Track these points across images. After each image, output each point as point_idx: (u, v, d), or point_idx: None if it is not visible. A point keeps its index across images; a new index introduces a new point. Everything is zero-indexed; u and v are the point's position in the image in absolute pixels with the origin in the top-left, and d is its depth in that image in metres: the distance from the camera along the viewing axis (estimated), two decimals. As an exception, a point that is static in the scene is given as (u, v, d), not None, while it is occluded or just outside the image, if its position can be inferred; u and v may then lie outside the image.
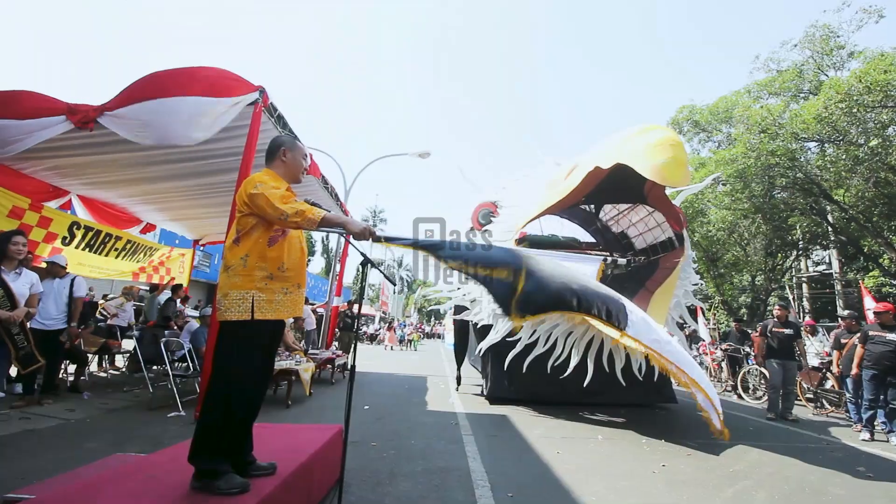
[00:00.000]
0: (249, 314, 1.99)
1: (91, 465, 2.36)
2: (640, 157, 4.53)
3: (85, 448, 3.36)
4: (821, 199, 14.65)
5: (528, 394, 6.33)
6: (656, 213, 6.62)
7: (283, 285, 2.11)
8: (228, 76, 4.41)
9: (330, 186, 7.07)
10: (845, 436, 5.48)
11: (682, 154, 4.48)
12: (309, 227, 2.02)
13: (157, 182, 6.26)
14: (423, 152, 12.99)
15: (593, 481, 3.29)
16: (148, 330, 6.04)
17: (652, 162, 4.40)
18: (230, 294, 2.02)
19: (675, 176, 4.36)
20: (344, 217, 2.20)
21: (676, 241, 6.32)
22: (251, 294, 2.01)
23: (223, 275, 2.08)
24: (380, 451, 3.76)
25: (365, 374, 9.57)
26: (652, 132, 4.80)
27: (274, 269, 2.09)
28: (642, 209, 6.98)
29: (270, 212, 2.01)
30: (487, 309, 6.17)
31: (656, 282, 5.82)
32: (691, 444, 4.52)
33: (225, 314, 2.01)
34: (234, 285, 2.03)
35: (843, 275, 20.64)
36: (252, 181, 2.11)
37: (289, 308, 2.13)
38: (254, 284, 2.03)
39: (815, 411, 7.36)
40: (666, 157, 4.36)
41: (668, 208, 6.17)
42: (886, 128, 12.10)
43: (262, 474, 2.07)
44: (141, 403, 5.10)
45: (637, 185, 5.91)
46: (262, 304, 2.02)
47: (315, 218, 2.00)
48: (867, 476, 3.74)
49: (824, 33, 14.65)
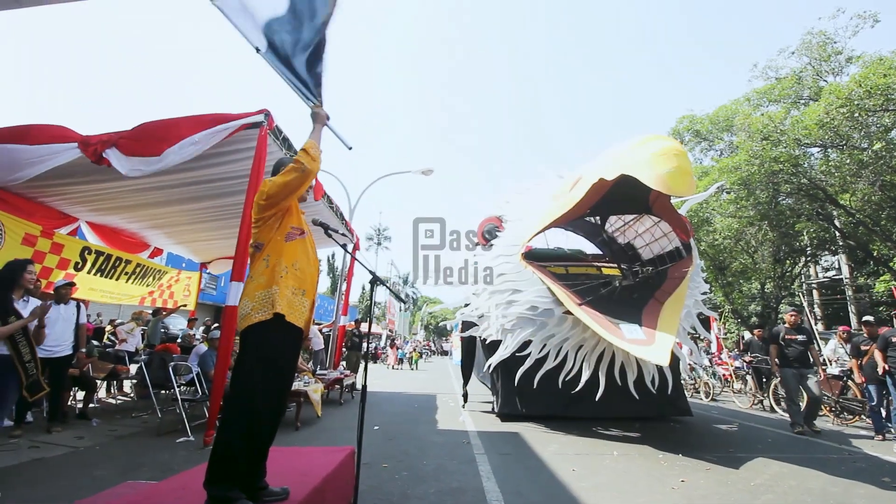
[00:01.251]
0: (271, 311, 2.01)
1: (102, 493, 2.33)
2: (644, 167, 4.52)
3: (94, 476, 3.33)
4: (827, 204, 14.55)
5: (540, 410, 6.21)
6: (662, 223, 6.59)
7: (294, 285, 2.13)
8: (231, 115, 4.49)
9: (335, 206, 7.11)
10: (867, 446, 5.34)
11: (686, 163, 4.46)
12: (316, 154, 2.23)
13: (163, 206, 6.34)
14: (426, 169, 13.08)
15: (611, 499, 3.21)
16: (155, 354, 6.03)
17: (656, 172, 4.38)
18: (256, 294, 2.06)
19: (680, 185, 4.33)
20: (317, 127, 2.42)
21: (684, 250, 6.26)
22: (273, 290, 2.06)
23: (248, 283, 2.14)
24: (391, 472, 3.70)
25: (374, 393, 9.48)
26: (655, 142, 4.79)
27: (290, 264, 2.14)
28: (648, 220, 6.95)
29: (286, 178, 2.15)
30: (496, 324, 6.11)
31: (666, 292, 5.74)
32: (710, 458, 4.41)
33: (252, 316, 2.03)
34: (259, 286, 2.08)
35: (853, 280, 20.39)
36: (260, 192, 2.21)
37: (299, 317, 2.13)
38: (275, 279, 2.08)
39: (836, 421, 7.17)
40: (670, 166, 4.35)
41: (675, 218, 6.13)
42: (889, 131, 12.09)
43: (274, 500, 2.03)
44: (149, 429, 5.06)
45: (642, 195, 5.88)
46: (277, 297, 2.05)
47: (312, 143, 2.27)
48: (892, 487, 3.62)
49: (821, 40, 14.78)
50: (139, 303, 8.79)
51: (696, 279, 6.33)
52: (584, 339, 5.75)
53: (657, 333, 4.83)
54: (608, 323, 5.07)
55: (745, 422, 6.86)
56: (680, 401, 6.63)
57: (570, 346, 5.76)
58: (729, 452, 4.73)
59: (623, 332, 4.95)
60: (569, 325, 5.82)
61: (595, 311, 5.29)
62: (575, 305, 5.34)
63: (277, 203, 2.17)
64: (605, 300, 6.02)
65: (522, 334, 5.88)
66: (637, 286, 6.57)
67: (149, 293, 8.54)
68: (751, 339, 9.52)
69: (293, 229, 2.22)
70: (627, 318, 5.25)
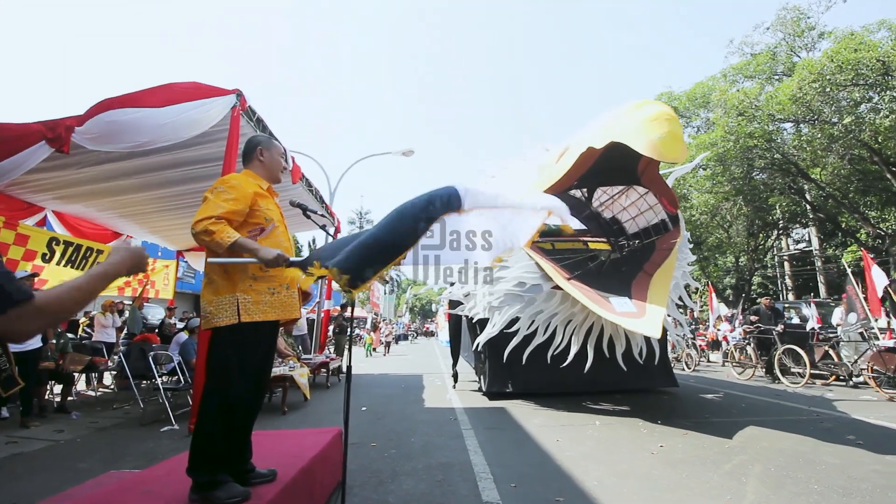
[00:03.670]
0: (236, 318, 1.94)
1: (84, 483, 2.30)
2: (635, 133, 4.35)
3: (77, 468, 3.28)
4: (798, 178, 14.97)
5: (528, 387, 6.22)
6: (648, 195, 6.52)
7: (269, 285, 2.06)
8: (204, 86, 4.33)
9: (314, 189, 7.00)
10: (833, 406, 5.61)
11: (678, 128, 4.31)
12: (216, 249, 1.91)
13: (135, 192, 6.12)
14: (406, 150, 12.94)
15: (594, 466, 3.31)
16: (134, 345, 5.92)
17: (648, 138, 4.21)
18: (214, 300, 1.98)
19: (673, 151, 4.18)
20: (255, 245, 1.96)
21: (670, 222, 6.20)
22: (235, 297, 1.97)
23: (205, 284, 2.04)
24: (380, 451, 3.74)
25: (361, 376, 9.52)
26: (646, 107, 4.62)
27: (256, 270, 2.02)
28: (633, 192, 6.85)
29: (196, 218, 1.95)
30: (482, 302, 6.04)
31: (655, 264, 5.65)
32: (687, 424, 4.58)
33: (212, 321, 1.96)
34: (217, 291, 1.99)
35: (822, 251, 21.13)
36: (222, 180, 2.08)
37: (278, 309, 2.07)
38: (237, 288, 1.98)
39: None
40: (662, 131, 4.18)
41: (662, 188, 6.01)
42: (859, 105, 12.40)
43: (262, 482, 2.04)
44: (132, 420, 4.99)
45: (631, 165, 5.77)
46: (248, 305, 1.97)
47: (223, 242, 1.88)
48: (857, 444, 3.82)
49: (795, 15, 14.97)
50: (118, 293, 8.57)
51: (684, 250, 6.27)
52: (572, 314, 5.71)
53: (648, 306, 4.78)
54: (598, 297, 5.01)
55: (725, 389, 7.13)
56: (666, 372, 6.71)
57: (558, 322, 5.71)
58: (705, 418, 4.92)
59: (614, 305, 4.89)
60: (557, 301, 5.76)
61: (584, 286, 5.22)
62: (564, 280, 5.25)
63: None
64: (594, 274, 5.96)
65: (510, 311, 5.78)
66: (625, 259, 6.50)
67: (125, 283, 8.32)
68: (758, 307, 9.10)
69: (254, 230, 2.06)
70: (617, 292, 5.19)
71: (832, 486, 2.83)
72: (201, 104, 4.22)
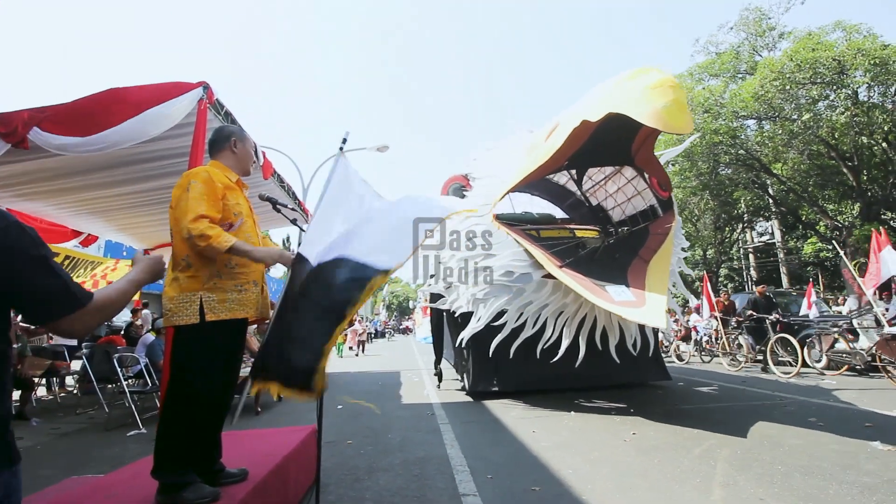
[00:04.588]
0: (198, 317, 1.86)
1: (45, 490, 2.20)
2: (636, 102, 3.97)
3: (38, 475, 3.13)
4: (761, 173, 15.56)
5: (516, 385, 5.82)
6: (636, 180, 6.22)
7: (236, 283, 1.97)
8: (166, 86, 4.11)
9: (286, 184, 6.84)
10: (796, 391, 5.86)
11: (682, 96, 3.95)
12: (210, 254, 1.86)
13: (97, 189, 5.85)
14: (381, 146, 12.83)
15: (568, 455, 3.37)
16: (98, 347, 5.69)
17: (653, 106, 3.83)
18: (175, 297, 1.88)
19: (679, 120, 3.80)
20: (250, 247, 1.92)
21: (661, 208, 5.91)
22: (198, 295, 1.88)
23: (169, 281, 1.94)
24: (356, 448, 3.71)
25: (338, 374, 9.43)
26: (648, 74, 4.20)
27: (221, 267, 1.94)
28: (620, 177, 6.50)
29: (182, 221, 1.83)
30: (466, 294, 5.59)
31: (650, 249, 5.34)
32: (659, 412, 4.71)
33: (172, 319, 1.87)
34: (179, 288, 1.89)
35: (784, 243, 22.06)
36: (193, 175, 1.95)
37: (246, 307, 2.00)
38: (201, 285, 1.89)
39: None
40: (667, 99, 3.81)
41: (656, 169, 5.71)
42: (817, 102, 12.97)
43: (233, 481, 1.99)
44: (97, 425, 4.81)
45: (625, 143, 5.41)
46: (212, 304, 1.89)
47: (220, 247, 1.82)
48: (819, 426, 4.01)
49: (757, 16, 15.51)
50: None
51: (679, 235, 6.03)
52: (564, 305, 5.31)
53: (647, 294, 4.49)
54: (594, 286, 4.65)
55: (698, 378, 7.36)
56: (659, 365, 6.48)
57: (549, 313, 5.30)
58: (676, 406, 5.07)
59: (611, 294, 4.58)
60: (548, 291, 5.32)
61: (578, 274, 4.86)
62: (556, 268, 4.88)
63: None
64: (587, 262, 5.53)
65: (497, 303, 5.30)
66: (619, 245, 6.08)
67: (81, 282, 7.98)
68: (754, 296, 8.75)
69: (222, 225, 1.94)
70: (613, 280, 4.90)
71: (795, 466, 2.95)
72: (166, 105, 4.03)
